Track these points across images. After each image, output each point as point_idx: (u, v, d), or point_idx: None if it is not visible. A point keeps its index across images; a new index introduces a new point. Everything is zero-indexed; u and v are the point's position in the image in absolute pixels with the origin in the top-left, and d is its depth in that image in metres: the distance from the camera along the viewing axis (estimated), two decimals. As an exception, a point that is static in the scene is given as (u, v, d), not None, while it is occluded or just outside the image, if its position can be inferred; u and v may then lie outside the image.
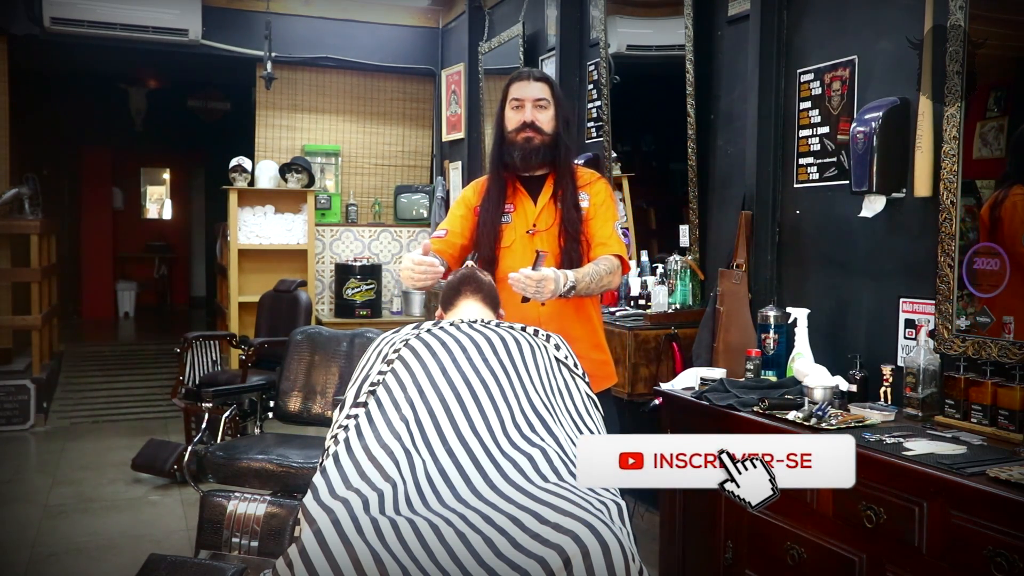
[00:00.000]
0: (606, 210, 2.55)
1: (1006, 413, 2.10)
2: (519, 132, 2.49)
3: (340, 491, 1.54)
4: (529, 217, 2.52)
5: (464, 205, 2.60)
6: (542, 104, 2.50)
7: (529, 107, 2.49)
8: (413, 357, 1.82)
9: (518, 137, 2.50)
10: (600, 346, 2.57)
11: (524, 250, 2.48)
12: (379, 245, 6.60)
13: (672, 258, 3.51)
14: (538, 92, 2.51)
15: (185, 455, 3.79)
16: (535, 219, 2.51)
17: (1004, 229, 2.28)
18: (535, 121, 2.48)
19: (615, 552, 1.42)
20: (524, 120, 2.49)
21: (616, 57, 4.07)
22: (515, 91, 2.53)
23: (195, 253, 11.57)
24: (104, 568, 3.39)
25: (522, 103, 2.50)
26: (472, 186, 2.66)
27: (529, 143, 2.48)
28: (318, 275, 6.37)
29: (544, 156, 2.50)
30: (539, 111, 2.50)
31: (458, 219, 2.58)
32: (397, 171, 6.80)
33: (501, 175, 2.54)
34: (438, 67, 6.51)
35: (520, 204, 2.54)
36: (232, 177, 6.11)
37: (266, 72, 5.77)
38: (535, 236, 2.49)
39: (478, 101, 5.73)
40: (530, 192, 2.55)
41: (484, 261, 2.49)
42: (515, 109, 2.51)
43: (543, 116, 2.50)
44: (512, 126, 2.51)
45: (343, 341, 3.65)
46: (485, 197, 2.55)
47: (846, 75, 2.81)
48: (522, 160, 2.50)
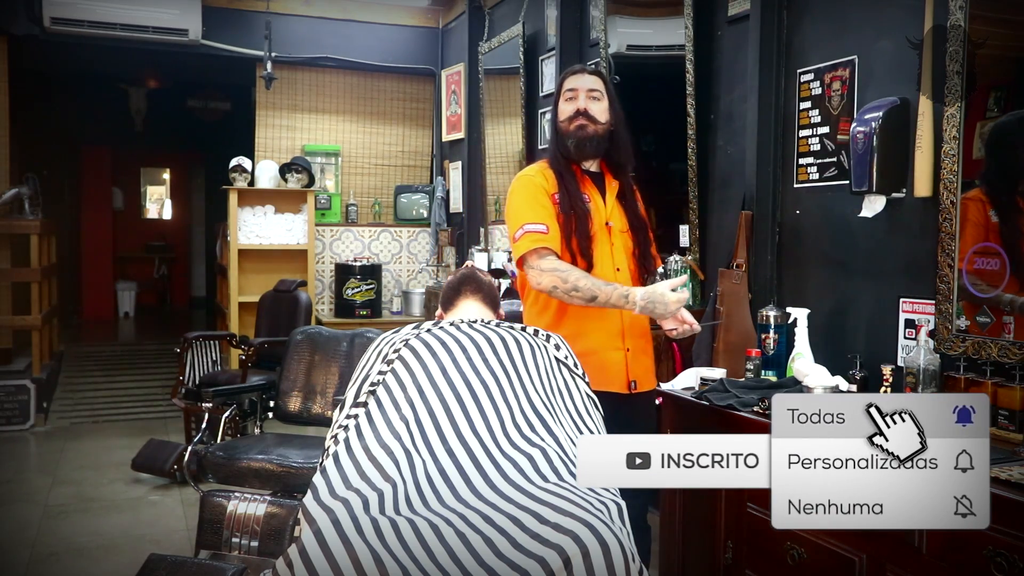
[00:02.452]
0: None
1: (1006, 413, 2.10)
2: (572, 121, 2.45)
3: (340, 491, 1.54)
4: (602, 212, 2.47)
5: (544, 193, 2.44)
6: (595, 95, 2.48)
7: (583, 96, 2.46)
8: (413, 357, 1.82)
9: (571, 126, 2.45)
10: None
11: (603, 242, 2.44)
12: (379, 245, 6.60)
13: (672, 258, 3.50)
14: (591, 83, 2.49)
15: (185, 455, 3.79)
16: (607, 216, 2.47)
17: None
18: (587, 109, 2.45)
19: (615, 552, 1.42)
20: (577, 108, 2.45)
21: (616, 57, 4.07)
22: (569, 83, 2.51)
23: (195, 253, 11.57)
24: (104, 568, 3.39)
25: (576, 93, 2.47)
26: (538, 174, 2.48)
27: (583, 131, 2.44)
28: (318, 275, 6.37)
29: (599, 147, 2.47)
30: (592, 101, 2.47)
31: (547, 209, 2.41)
32: (397, 171, 6.81)
33: (569, 164, 2.47)
34: (438, 67, 6.51)
35: (592, 196, 2.48)
36: (232, 177, 6.12)
37: (266, 72, 5.77)
38: (611, 232, 2.46)
39: (478, 101, 5.73)
40: (597, 187, 2.50)
41: (581, 239, 2.38)
42: (568, 100, 2.48)
43: (596, 106, 2.47)
44: (565, 116, 2.48)
45: (343, 341, 3.66)
46: (562, 183, 2.44)
47: (846, 75, 2.81)
48: (576, 148, 2.45)
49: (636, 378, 2.44)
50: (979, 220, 2.28)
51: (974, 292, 2.31)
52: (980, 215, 2.28)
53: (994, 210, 2.27)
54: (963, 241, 2.30)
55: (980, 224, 2.28)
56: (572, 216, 2.38)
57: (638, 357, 2.46)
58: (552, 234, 2.37)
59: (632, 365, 2.43)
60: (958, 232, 2.32)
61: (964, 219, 2.30)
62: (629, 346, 2.42)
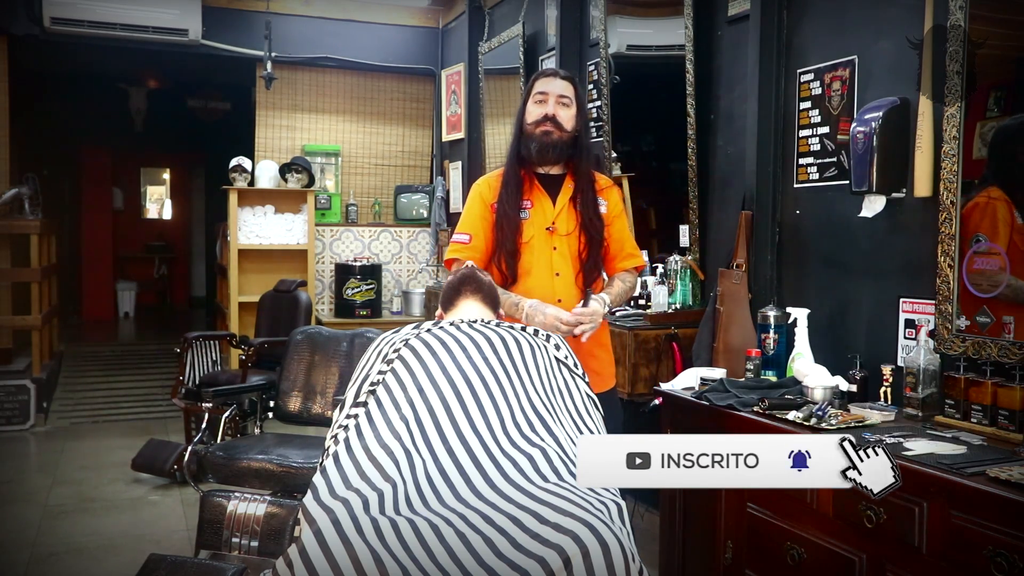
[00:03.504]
0: (624, 218, 2.59)
1: (1006, 413, 2.10)
2: (538, 125, 2.48)
3: (340, 491, 1.54)
4: (548, 215, 2.50)
5: (480, 203, 2.55)
6: (565, 101, 2.50)
7: (552, 101, 2.48)
8: (413, 357, 1.82)
9: (536, 130, 2.49)
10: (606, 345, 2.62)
11: (543, 247, 2.48)
12: (379, 245, 6.60)
13: (672, 258, 3.51)
14: (562, 89, 2.51)
15: (185, 455, 3.79)
16: (554, 218, 2.50)
17: (969, 226, 2.31)
18: (556, 115, 2.48)
19: (615, 552, 1.42)
20: (545, 113, 2.48)
21: (616, 57, 4.07)
22: (540, 86, 2.52)
23: (195, 253, 11.57)
24: (104, 568, 3.39)
25: (546, 97, 2.49)
26: (484, 182, 2.61)
27: (547, 137, 2.47)
28: (318, 275, 6.37)
29: (560, 153, 2.50)
30: (561, 107, 2.49)
31: (477, 219, 2.54)
32: (397, 171, 6.81)
33: (518, 169, 2.52)
34: (438, 67, 6.51)
35: (537, 201, 2.52)
36: (232, 177, 6.12)
37: (266, 72, 5.77)
38: (554, 235, 2.49)
39: (478, 101, 5.73)
40: (548, 191, 2.53)
41: (506, 254, 2.47)
42: (538, 103, 2.50)
43: (564, 113, 2.49)
44: (532, 119, 2.50)
45: (343, 341, 3.65)
46: (502, 190, 2.51)
47: (846, 75, 2.81)
48: (538, 153, 2.48)
49: None
50: (1007, 219, 2.25)
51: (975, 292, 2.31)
52: (1007, 214, 2.25)
53: (1019, 211, 2.25)
54: (997, 238, 2.26)
55: (1008, 223, 2.25)
56: (504, 226, 2.47)
57: (583, 362, 2.44)
58: (473, 243, 2.51)
59: None
60: (957, 232, 2.32)
61: (994, 218, 2.28)
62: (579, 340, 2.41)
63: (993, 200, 2.28)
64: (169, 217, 12.13)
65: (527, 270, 2.49)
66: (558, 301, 2.45)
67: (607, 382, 2.58)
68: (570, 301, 2.45)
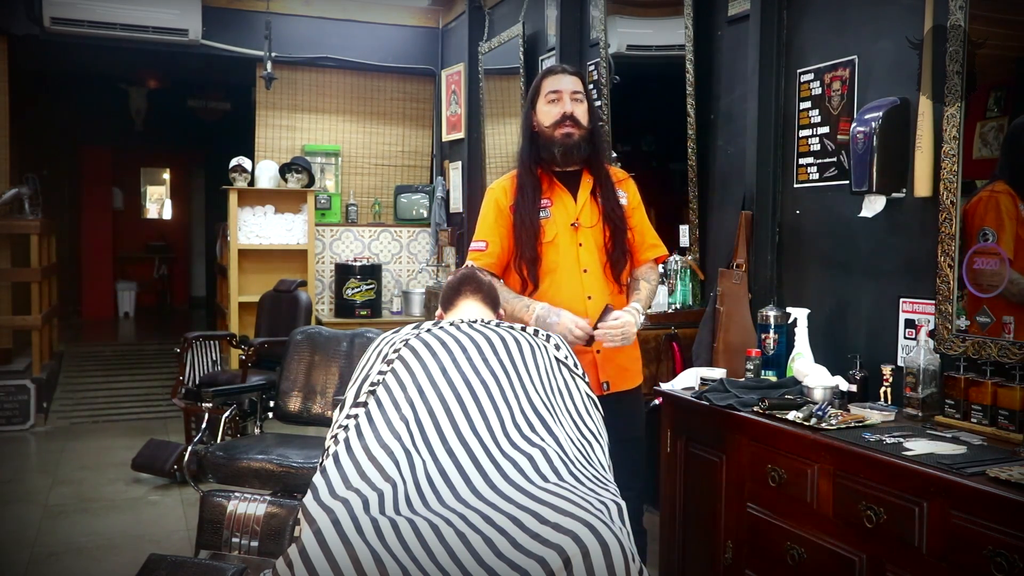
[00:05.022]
0: (642, 209, 2.57)
1: (1006, 413, 2.09)
2: (559, 126, 2.43)
3: (340, 491, 1.54)
4: (571, 212, 2.47)
5: (495, 209, 2.50)
6: (578, 97, 2.46)
7: (567, 99, 2.44)
8: (413, 357, 1.82)
9: (556, 132, 2.43)
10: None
11: (569, 244, 2.45)
12: (379, 245, 6.60)
13: (672, 258, 3.51)
14: (573, 84, 2.46)
15: (185, 455, 3.79)
16: (577, 214, 2.47)
17: (975, 222, 2.30)
18: (573, 113, 2.43)
19: (615, 552, 1.42)
20: (563, 112, 2.43)
21: (616, 57, 4.07)
22: (550, 84, 2.47)
23: (195, 253, 11.58)
24: (104, 568, 3.39)
25: (560, 95, 2.44)
26: (498, 187, 2.55)
27: (569, 138, 2.43)
28: (318, 275, 6.37)
29: (583, 151, 2.46)
30: (576, 104, 2.45)
31: (493, 225, 2.49)
32: (397, 171, 6.81)
33: (533, 171, 2.48)
34: (438, 67, 6.51)
35: (558, 199, 2.48)
36: (232, 177, 6.12)
37: (266, 72, 5.77)
38: (579, 231, 2.45)
39: (478, 101, 5.73)
40: (568, 187, 2.50)
41: (527, 260, 2.43)
42: (552, 103, 2.45)
43: (580, 109, 2.45)
44: (550, 120, 2.44)
45: (343, 341, 3.65)
46: (518, 195, 2.46)
47: (846, 75, 2.81)
48: (563, 156, 2.44)
49: (608, 379, 2.44)
50: (1012, 212, 2.25)
51: (975, 292, 2.31)
52: (1012, 207, 2.25)
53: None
54: (1003, 231, 2.25)
55: (1012, 216, 2.24)
56: (521, 234, 2.43)
57: (610, 357, 2.44)
58: (490, 250, 2.48)
59: (603, 365, 2.43)
60: (957, 232, 2.32)
61: (998, 211, 2.27)
62: (599, 347, 2.39)
63: (996, 193, 2.28)
64: (169, 217, 12.13)
65: (552, 269, 2.44)
66: (588, 298, 2.42)
67: (635, 379, 2.55)
68: (601, 297, 2.42)
